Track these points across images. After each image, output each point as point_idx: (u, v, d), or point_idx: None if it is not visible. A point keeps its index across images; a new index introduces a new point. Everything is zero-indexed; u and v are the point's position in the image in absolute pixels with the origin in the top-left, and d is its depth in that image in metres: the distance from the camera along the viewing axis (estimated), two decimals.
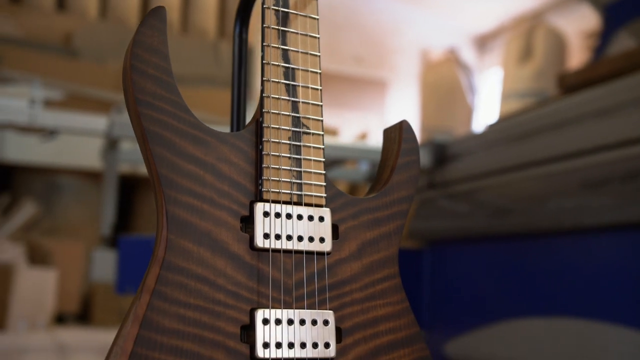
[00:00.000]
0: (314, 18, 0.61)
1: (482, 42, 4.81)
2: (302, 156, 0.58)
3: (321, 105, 0.61)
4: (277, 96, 0.58)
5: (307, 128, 0.59)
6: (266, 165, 0.57)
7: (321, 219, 0.58)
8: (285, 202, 0.57)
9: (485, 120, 4.34)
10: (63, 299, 2.73)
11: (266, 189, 0.56)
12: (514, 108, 2.90)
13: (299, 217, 0.57)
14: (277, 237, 0.56)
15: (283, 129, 0.58)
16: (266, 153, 0.57)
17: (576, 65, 3.31)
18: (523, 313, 1.29)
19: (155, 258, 0.52)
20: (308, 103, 0.60)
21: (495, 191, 1.44)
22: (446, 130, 3.51)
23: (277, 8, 0.60)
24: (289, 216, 0.57)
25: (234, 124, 0.72)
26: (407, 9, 4.52)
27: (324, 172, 0.59)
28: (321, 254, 0.58)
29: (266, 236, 0.55)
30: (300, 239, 0.57)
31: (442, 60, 4.40)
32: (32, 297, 2.46)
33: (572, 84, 1.51)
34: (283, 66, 0.59)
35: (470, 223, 1.50)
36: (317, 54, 0.61)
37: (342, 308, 0.57)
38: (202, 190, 0.54)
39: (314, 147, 0.59)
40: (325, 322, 0.56)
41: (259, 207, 0.56)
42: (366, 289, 0.59)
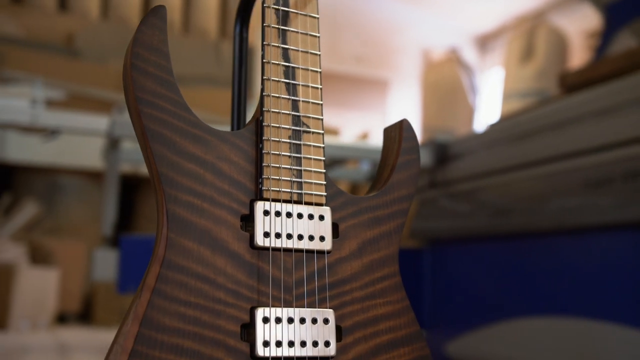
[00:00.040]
0: (314, 17, 0.62)
1: (483, 42, 4.80)
2: (302, 155, 0.58)
3: (321, 104, 0.61)
4: (277, 95, 0.58)
5: (308, 127, 0.59)
6: (266, 164, 0.57)
7: (321, 217, 0.58)
8: (285, 201, 0.57)
9: (486, 120, 4.34)
10: (65, 299, 2.74)
11: (266, 188, 0.56)
12: (515, 108, 2.90)
13: (299, 215, 0.57)
14: (277, 235, 0.56)
15: (283, 128, 0.58)
16: (266, 152, 0.57)
17: (577, 65, 3.31)
18: (524, 313, 1.29)
19: (155, 256, 0.52)
20: (308, 102, 0.60)
21: (496, 191, 1.44)
22: (447, 130, 3.51)
23: (277, 7, 0.60)
24: (289, 215, 0.57)
25: (234, 123, 0.72)
26: (409, 8, 4.52)
27: (324, 170, 0.59)
28: (321, 253, 0.58)
29: (266, 235, 0.55)
30: (300, 237, 0.57)
31: (443, 60, 4.40)
32: (34, 296, 2.46)
33: (573, 83, 1.51)
34: (283, 65, 0.59)
35: (471, 223, 1.50)
36: (318, 52, 0.61)
37: (343, 307, 0.57)
38: (203, 189, 0.54)
39: (314, 145, 0.59)
40: (326, 321, 0.56)
41: (259, 206, 0.56)
42: (366, 288, 0.59)
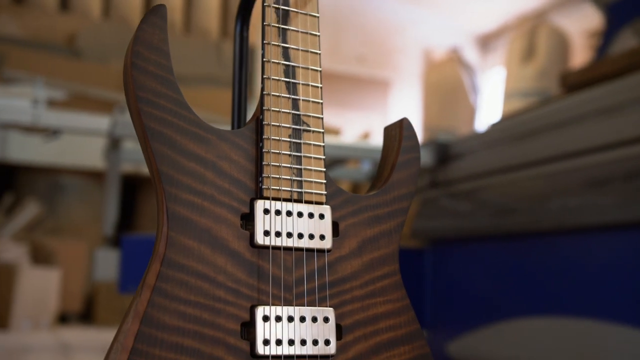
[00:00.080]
0: (315, 16, 0.61)
1: (484, 42, 4.80)
2: (302, 154, 0.58)
3: (321, 103, 0.61)
4: (278, 94, 0.58)
5: (308, 126, 0.59)
6: (266, 163, 0.57)
7: (321, 216, 0.58)
8: (285, 200, 0.57)
9: (487, 120, 4.33)
10: (66, 299, 2.74)
11: (266, 187, 0.56)
12: (516, 107, 2.90)
13: (299, 214, 0.57)
14: (277, 234, 0.56)
15: (283, 127, 0.58)
16: (266, 150, 0.57)
17: (579, 65, 3.30)
18: (525, 312, 1.29)
19: (155, 255, 0.53)
20: (308, 101, 0.60)
21: (497, 190, 1.44)
22: (449, 130, 3.51)
23: (277, 6, 0.60)
24: (289, 213, 0.57)
25: (234, 122, 0.72)
26: (410, 8, 4.52)
27: (324, 169, 0.59)
28: (321, 252, 0.58)
29: (266, 233, 0.55)
30: (300, 236, 0.57)
31: (444, 60, 4.40)
32: (36, 296, 2.47)
33: (574, 83, 1.51)
34: (283, 64, 0.59)
35: (472, 222, 1.50)
36: (318, 51, 0.61)
37: (343, 305, 0.57)
38: (203, 188, 0.54)
39: (314, 144, 0.59)
40: (326, 319, 0.56)
41: (259, 205, 0.56)
42: (366, 287, 0.59)
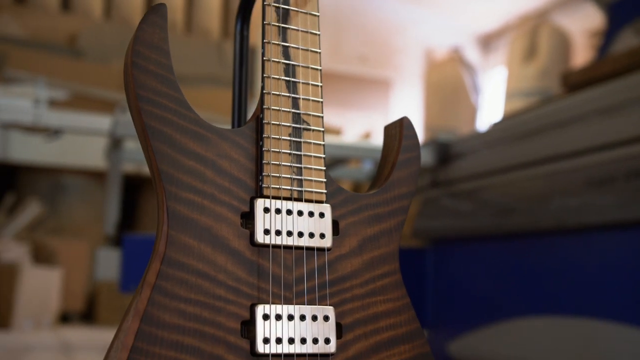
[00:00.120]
0: (315, 15, 0.62)
1: (486, 42, 4.80)
2: (302, 152, 0.58)
3: (322, 102, 0.61)
4: (278, 93, 0.59)
5: (308, 124, 0.59)
6: (266, 162, 0.57)
7: (321, 215, 0.58)
8: (285, 198, 0.57)
9: (489, 120, 4.33)
10: (68, 298, 2.74)
11: (266, 185, 0.56)
12: (518, 107, 2.89)
13: (299, 213, 0.57)
14: (278, 233, 0.56)
15: (283, 126, 0.58)
16: (266, 149, 0.57)
17: (580, 64, 3.30)
18: (526, 312, 1.29)
19: (156, 253, 0.53)
20: (308, 99, 0.60)
21: (498, 190, 1.44)
22: (450, 129, 3.50)
23: (277, 5, 0.60)
24: (289, 212, 0.57)
25: (235, 121, 0.72)
26: (411, 8, 4.51)
27: (324, 168, 0.59)
28: (321, 250, 0.58)
29: (266, 232, 0.55)
30: (300, 235, 0.57)
31: (446, 60, 4.40)
32: (37, 296, 2.47)
33: (575, 82, 1.51)
34: (283, 63, 0.59)
35: (473, 222, 1.49)
36: (318, 50, 0.61)
37: (343, 304, 0.57)
38: (203, 186, 0.55)
39: (314, 143, 0.59)
40: (326, 318, 0.56)
41: (260, 203, 0.56)
42: (367, 285, 0.59)
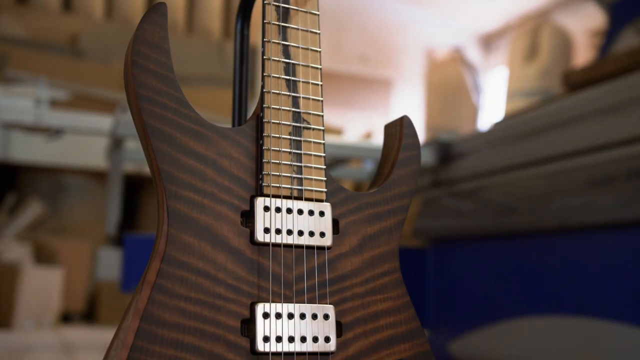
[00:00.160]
0: (315, 14, 0.62)
1: (487, 41, 4.79)
2: (302, 151, 0.58)
3: (322, 101, 0.61)
4: (278, 91, 0.59)
5: (308, 123, 0.59)
6: (266, 160, 0.57)
7: (321, 213, 0.58)
8: (285, 197, 0.57)
9: (490, 120, 4.33)
10: (69, 298, 2.75)
11: (266, 184, 0.56)
12: (519, 107, 2.89)
13: (300, 211, 0.57)
14: (278, 231, 0.56)
15: (283, 124, 0.58)
16: (267, 148, 0.57)
17: (581, 64, 3.30)
18: (528, 312, 1.29)
19: (156, 252, 0.53)
20: (308, 98, 0.60)
21: (500, 189, 1.43)
22: (451, 129, 3.50)
23: (277, 4, 0.60)
24: (289, 211, 0.57)
25: (235, 120, 0.72)
26: (412, 8, 4.51)
27: (324, 167, 0.59)
28: (321, 249, 0.58)
29: (266, 231, 0.55)
30: (300, 233, 0.57)
31: (447, 60, 4.40)
32: (38, 296, 2.47)
33: (577, 82, 1.50)
34: (284, 61, 0.59)
35: (474, 222, 1.49)
36: (318, 49, 0.61)
37: (343, 302, 0.57)
38: (203, 185, 0.55)
39: (314, 142, 0.59)
40: (326, 317, 0.56)
41: (260, 202, 0.56)
42: (367, 284, 0.59)
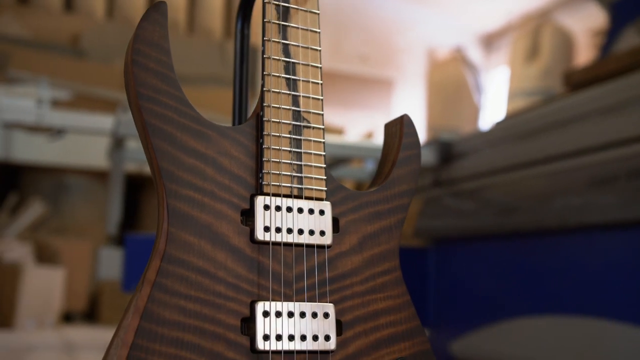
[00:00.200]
0: (315, 12, 0.62)
1: (488, 41, 4.79)
2: (302, 150, 0.58)
3: (322, 99, 0.61)
4: (278, 90, 0.59)
5: (308, 122, 0.59)
6: (267, 159, 0.57)
7: (321, 212, 0.58)
8: (285, 196, 0.57)
9: (491, 119, 4.32)
10: (70, 298, 2.75)
11: (266, 183, 0.56)
12: (520, 107, 2.89)
13: (300, 210, 0.57)
14: (278, 230, 0.56)
15: (283, 123, 0.58)
16: (267, 147, 0.57)
17: (583, 64, 3.29)
18: (529, 311, 1.29)
19: (156, 251, 0.53)
20: (309, 97, 0.60)
21: (501, 189, 1.43)
22: (452, 129, 3.50)
23: (277, 3, 0.60)
24: (289, 209, 0.57)
25: (235, 119, 0.72)
26: (413, 8, 4.51)
27: (324, 165, 0.59)
28: (321, 247, 0.58)
29: (267, 229, 0.56)
30: (300, 232, 0.57)
31: (448, 59, 4.40)
32: (40, 295, 2.48)
33: (578, 81, 1.50)
34: (284, 60, 0.59)
35: (475, 221, 1.49)
36: (318, 48, 0.61)
37: (343, 301, 0.57)
38: (203, 184, 0.55)
39: (314, 140, 0.59)
40: (326, 315, 0.56)
41: (260, 201, 0.56)
42: (367, 282, 0.59)
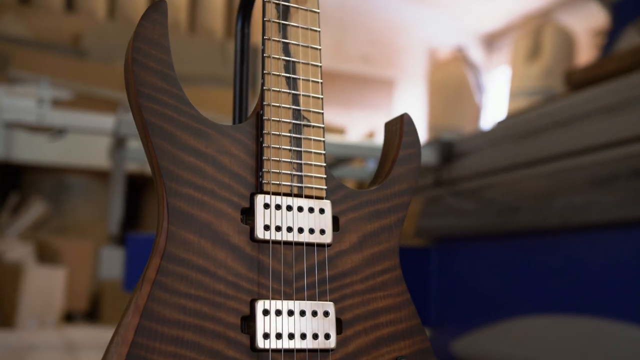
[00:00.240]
0: (315, 11, 0.62)
1: (490, 41, 4.79)
2: (302, 148, 0.59)
3: (322, 98, 0.61)
4: (278, 89, 0.59)
5: (308, 121, 0.59)
6: (266, 158, 0.57)
7: (321, 211, 0.58)
8: (285, 194, 0.57)
9: (493, 119, 4.32)
10: (72, 297, 2.75)
11: (266, 181, 0.56)
12: (522, 106, 2.89)
13: (300, 209, 0.57)
14: (278, 228, 0.56)
15: (283, 122, 0.58)
16: (267, 145, 0.57)
17: (584, 63, 3.29)
18: (530, 311, 1.29)
19: (156, 249, 0.53)
20: (309, 96, 0.60)
21: (502, 189, 1.43)
22: (454, 129, 3.50)
23: (277, 2, 0.60)
24: (289, 208, 0.57)
25: (235, 117, 0.73)
26: (415, 8, 4.51)
27: (324, 164, 0.59)
28: (321, 246, 0.58)
29: (266, 228, 0.56)
30: (300, 230, 0.57)
31: (449, 59, 4.39)
32: (41, 295, 2.48)
33: (579, 81, 1.50)
34: (284, 59, 0.59)
35: (477, 221, 1.49)
36: (318, 47, 0.61)
37: (343, 300, 0.57)
38: (203, 182, 0.55)
39: (314, 139, 0.59)
40: (326, 314, 0.56)
41: (260, 199, 0.56)
42: (367, 281, 0.59)
